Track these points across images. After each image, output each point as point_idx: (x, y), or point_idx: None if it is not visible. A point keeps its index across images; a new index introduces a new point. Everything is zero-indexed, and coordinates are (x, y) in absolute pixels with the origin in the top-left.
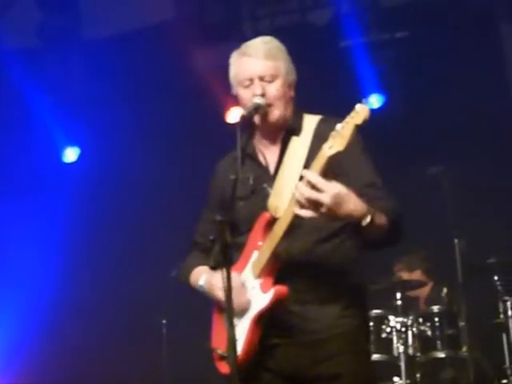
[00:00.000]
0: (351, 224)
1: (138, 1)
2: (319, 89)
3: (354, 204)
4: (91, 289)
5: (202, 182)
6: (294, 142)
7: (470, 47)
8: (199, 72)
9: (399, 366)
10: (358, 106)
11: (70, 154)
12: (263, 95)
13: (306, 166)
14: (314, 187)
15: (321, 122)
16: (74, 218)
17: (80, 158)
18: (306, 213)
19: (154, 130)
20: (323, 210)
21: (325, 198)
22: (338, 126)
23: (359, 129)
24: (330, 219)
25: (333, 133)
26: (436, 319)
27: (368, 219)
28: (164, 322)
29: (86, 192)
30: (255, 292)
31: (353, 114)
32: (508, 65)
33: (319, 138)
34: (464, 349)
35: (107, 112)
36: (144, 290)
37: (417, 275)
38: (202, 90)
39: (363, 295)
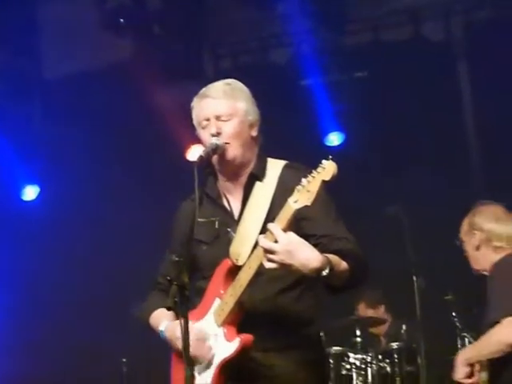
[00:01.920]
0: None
1: (98, 40)
2: (279, 127)
3: (309, 253)
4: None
5: (165, 223)
6: (258, 187)
7: (427, 86)
8: (161, 111)
9: None
10: (325, 162)
11: (30, 192)
12: (219, 134)
13: (270, 214)
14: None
15: (285, 169)
16: (29, 255)
17: (39, 196)
18: (269, 264)
19: (115, 170)
20: (275, 258)
21: (277, 246)
22: (304, 181)
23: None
24: (289, 271)
25: (298, 187)
26: (395, 356)
27: (327, 270)
28: (124, 360)
29: (44, 229)
30: (219, 340)
31: (320, 169)
32: (464, 103)
33: (283, 186)
34: None
35: (67, 151)
36: (104, 328)
37: (381, 311)
38: (164, 130)
39: (321, 341)
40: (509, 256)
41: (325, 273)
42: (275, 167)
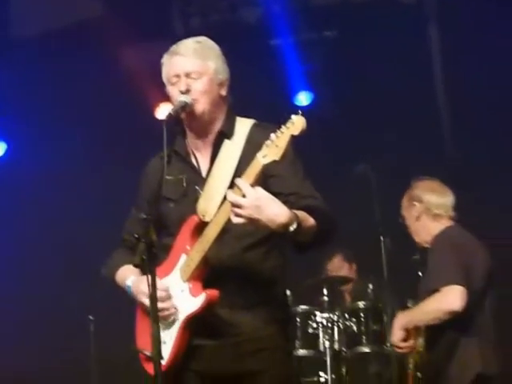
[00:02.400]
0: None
1: None
2: (248, 86)
3: (277, 208)
4: (17, 283)
5: (132, 180)
6: (227, 145)
7: (398, 47)
8: (130, 70)
9: (325, 361)
10: (294, 117)
11: None
12: (188, 91)
13: (238, 171)
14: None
15: (254, 127)
16: None
17: (6, 152)
18: (236, 219)
19: (83, 127)
20: (243, 212)
21: (245, 201)
22: (273, 136)
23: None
24: (257, 226)
25: (267, 142)
26: (362, 315)
27: (294, 225)
28: (91, 318)
29: (11, 186)
30: (184, 295)
31: (289, 124)
32: (435, 64)
33: (252, 144)
34: (388, 344)
35: (35, 108)
36: (71, 286)
37: (353, 269)
38: (133, 88)
39: (287, 300)
40: (448, 228)
41: (292, 228)
42: (244, 125)
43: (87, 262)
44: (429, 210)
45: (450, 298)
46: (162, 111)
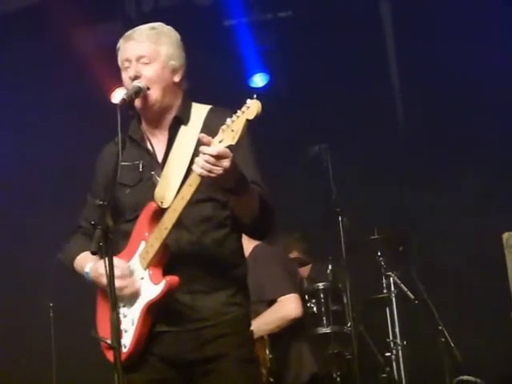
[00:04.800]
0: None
1: None
2: (203, 69)
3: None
4: None
5: (88, 165)
6: (183, 131)
7: (351, 26)
8: (82, 52)
9: None
10: (249, 101)
11: None
12: (136, 77)
13: (194, 156)
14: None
15: (210, 113)
16: None
17: None
18: (200, 170)
19: (38, 111)
20: (210, 161)
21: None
22: (229, 121)
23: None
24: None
25: (223, 127)
26: (321, 296)
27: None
28: (51, 305)
29: None
30: (145, 282)
31: (244, 108)
32: (388, 43)
33: (208, 129)
34: (348, 324)
35: None
36: (30, 271)
37: (294, 256)
38: (86, 71)
39: (247, 284)
40: (259, 244)
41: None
42: (200, 111)
43: (45, 247)
44: None
45: (291, 307)
46: (117, 96)
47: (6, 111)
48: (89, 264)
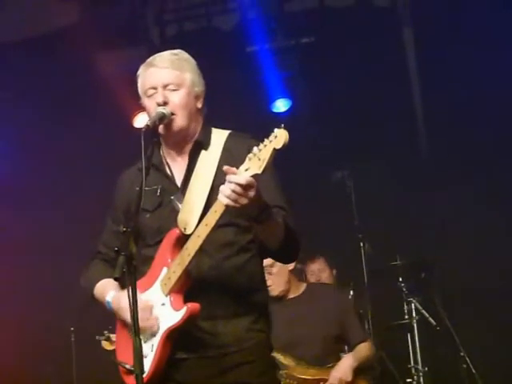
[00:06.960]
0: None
1: (42, 5)
2: (225, 94)
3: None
4: None
5: (109, 190)
6: (203, 156)
7: (373, 51)
8: (105, 77)
9: None
10: (277, 130)
11: None
12: (165, 103)
13: (215, 181)
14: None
15: (229, 137)
16: None
17: None
18: (227, 200)
19: (60, 138)
20: (237, 191)
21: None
22: (256, 149)
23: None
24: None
25: (250, 155)
26: None
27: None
28: (72, 329)
29: None
30: (166, 309)
31: (271, 137)
32: (411, 70)
33: (228, 154)
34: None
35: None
36: (52, 296)
37: (333, 275)
38: (110, 96)
39: (268, 310)
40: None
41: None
42: (220, 136)
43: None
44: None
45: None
46: (140, 121)
47: (36, 130)
48: (110, 293)
